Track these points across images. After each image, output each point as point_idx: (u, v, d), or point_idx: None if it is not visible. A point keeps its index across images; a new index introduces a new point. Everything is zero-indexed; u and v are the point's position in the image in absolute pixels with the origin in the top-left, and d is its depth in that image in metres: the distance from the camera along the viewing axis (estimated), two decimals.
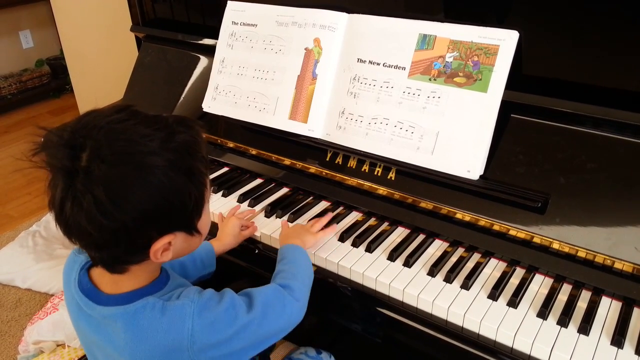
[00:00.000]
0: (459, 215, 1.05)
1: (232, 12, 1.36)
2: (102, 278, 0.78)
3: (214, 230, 1.15)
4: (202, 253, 1.04)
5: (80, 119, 0.70)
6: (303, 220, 1.15)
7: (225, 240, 1.10)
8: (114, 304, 0.75)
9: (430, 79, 1.07)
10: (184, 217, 0.73)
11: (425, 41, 1.08)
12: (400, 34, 1.11)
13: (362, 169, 1.16)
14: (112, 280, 0.77)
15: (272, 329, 0.82)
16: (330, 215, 1.11)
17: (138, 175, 0.67)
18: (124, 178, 0.66)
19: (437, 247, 1.06)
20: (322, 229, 1.08)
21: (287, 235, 1.04)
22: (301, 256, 0.96)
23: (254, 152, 1.33)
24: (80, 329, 0.82)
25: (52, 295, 1.83)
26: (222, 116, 1.36)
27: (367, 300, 1.00)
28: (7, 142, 3.20)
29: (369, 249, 1.05)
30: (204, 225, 0.78)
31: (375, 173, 1.14)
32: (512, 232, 0.99)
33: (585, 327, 0.85)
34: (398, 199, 1.11)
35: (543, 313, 0.88)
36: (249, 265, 1.15)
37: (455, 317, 0.91)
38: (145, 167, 0.67)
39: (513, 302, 0.91)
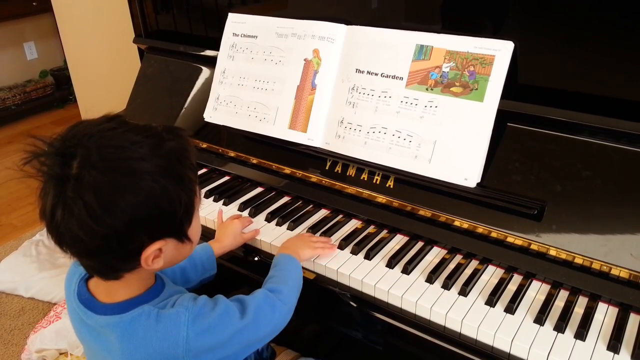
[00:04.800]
0: (457, 223, 1.06)
1: (232, 24, 1.39)
2: (98, 287, 0.79)
3: (207, 236, 1.17)
4: (202, 256, 1.05)
5: (71, 128, 0.71)
6: (303, 227, 1.16)
7: (225, 242, 1.10)
8: (111, 313, 0.76)
9: (427, 89, 1.09)
10: (174, 223, 0.74)
11: (422, 52, 1.10)
12: (398, 45, 1.13)
13: (361, 178, 1.18)
14: (107, 289, 0.78)
15: (263, 333, 0.85)
16: (334, 246, 1.10)
17: (128, 180, 0.68)
18: (114, 184, 0.67)
19: (435, 254, 1.07)
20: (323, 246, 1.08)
21: (285, 246, 1.06)
22: (293, 265, 0.98)
23: (254, 161, 1.35)
24: (83, 340, 0.83)
25: (55, 304, 1.84)
26: (223, 126, 1.38)
27: (366, 307, 1.01)
28: (11, 153, 3.22)
29: (368, 257, 1.06)
30: (194, 232, 0.79)
31: (374, 181, 1.16)
32: (510, 239, 1.00)
33: (581, 333, 0.86)
34: (397, 206, 1.13)
35: (540, 319, 0.89)
36: (250, 273, 1.16)
37: (453, 324, 0.92)
38: (135, 172, 0.68)
39: (510, 308, 0.92)
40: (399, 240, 1.11)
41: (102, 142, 0.68)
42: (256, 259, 1.15)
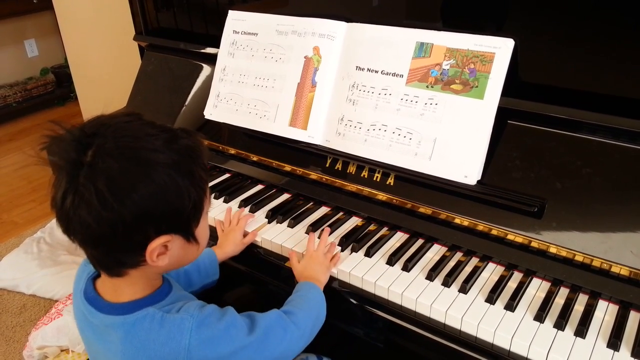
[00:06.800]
0: (457, 220, 1.06)
1: (233, 22, 1.38)
2: (104, 286, 0.79)
3: (214, 236, 1.17)
4: (205, 261, 1.05)
5: (90, 120, 0.72)
6: (303, 225, 1.16)
7: (227, 248, 1.11)
8: (116, 313, 0.75)
9: (427, 86, 1.09)
10: (181, 220, 0.73)
11: (423, 49, 1.10)
12: (398, 42, 1.12)
13: (362, 175, 1.18)
14: (113, 287, 0.77)
15: (270, 355, 0.82)
16: (335, 244, 1.10)
17: (140, 170, 0.68)
18: (126, 172, 0.67)
19: (435, 252, 1.07)
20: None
21: (306, 275, 1.02)
22: (314, 292, 0.96)
23: (255, 158, 1.35)
24: (86, 338, 0.83)
25: (57, 301, 1.85)
26: (223, 123, 1.38)
27: (366, 304, 1.01)
28: (12, 150, 3.23)
29: (369, 254, 1.06)
30: (201, 234, 0.78)
31: (375, 179, 1.16)
32: (510, 237, 1.00)
33: (581, 330, 0.86)
34: (397, 204, 1.13)
35: (540, 316, 0.89)
36: (249, 269, 1.16)
37: (453, 321, 0.92)
38: (148, 163, 0.69)
39: (510, 306, 0.92)
40: (399, 238, 1.11)
41: (118, 132, 0.69)
42: (257, 256, 1.15)
